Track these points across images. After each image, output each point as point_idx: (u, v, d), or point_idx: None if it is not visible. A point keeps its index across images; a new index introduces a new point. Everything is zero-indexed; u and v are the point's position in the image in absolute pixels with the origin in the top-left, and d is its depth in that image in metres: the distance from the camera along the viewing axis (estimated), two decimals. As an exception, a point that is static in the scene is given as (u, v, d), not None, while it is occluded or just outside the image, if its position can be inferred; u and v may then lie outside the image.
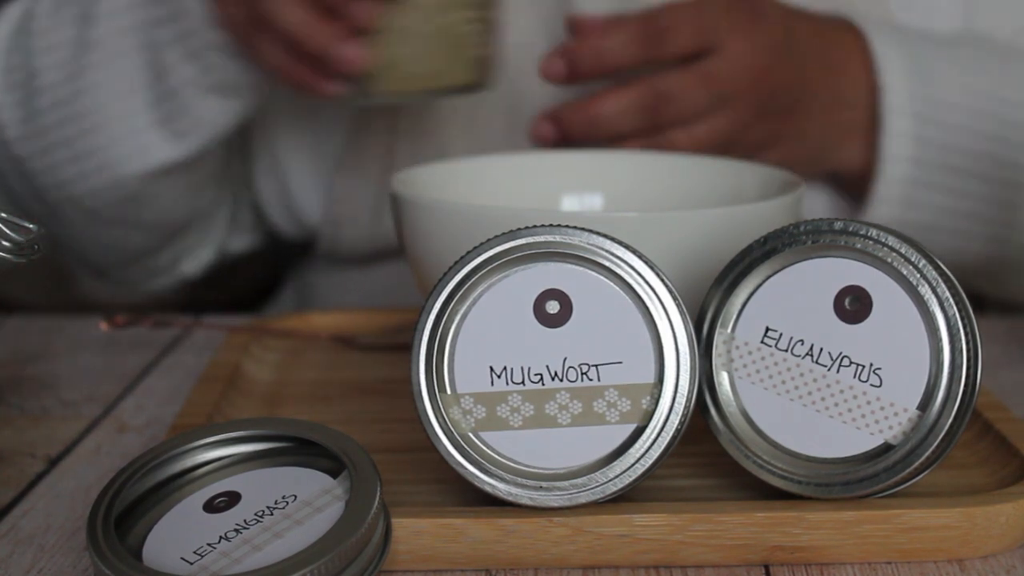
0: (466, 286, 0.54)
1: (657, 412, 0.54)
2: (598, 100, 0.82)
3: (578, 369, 0.54)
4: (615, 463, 0.53)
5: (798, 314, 0.55)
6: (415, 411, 0.54)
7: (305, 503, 0.51)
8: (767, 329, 0.56)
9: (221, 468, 0.54)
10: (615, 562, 0.54)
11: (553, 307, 0.54)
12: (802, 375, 0.55)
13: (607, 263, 0.54)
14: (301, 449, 0.55)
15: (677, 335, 0.54)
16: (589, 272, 0.54)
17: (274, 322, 0.80)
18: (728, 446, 0.55)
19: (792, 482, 0.54)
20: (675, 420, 0.53)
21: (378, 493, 0.51)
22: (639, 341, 0.54)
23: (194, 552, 0.50)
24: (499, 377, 0.54)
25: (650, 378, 0.54)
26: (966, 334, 0.53)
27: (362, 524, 0.49)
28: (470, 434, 0.54)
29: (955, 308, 0.53)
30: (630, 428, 0.54)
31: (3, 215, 0.59)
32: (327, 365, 0.75)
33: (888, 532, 0.53)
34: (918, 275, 0.54)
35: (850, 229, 0.55)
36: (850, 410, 0.54)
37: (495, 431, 0.54)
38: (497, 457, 0.54)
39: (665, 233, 0.59)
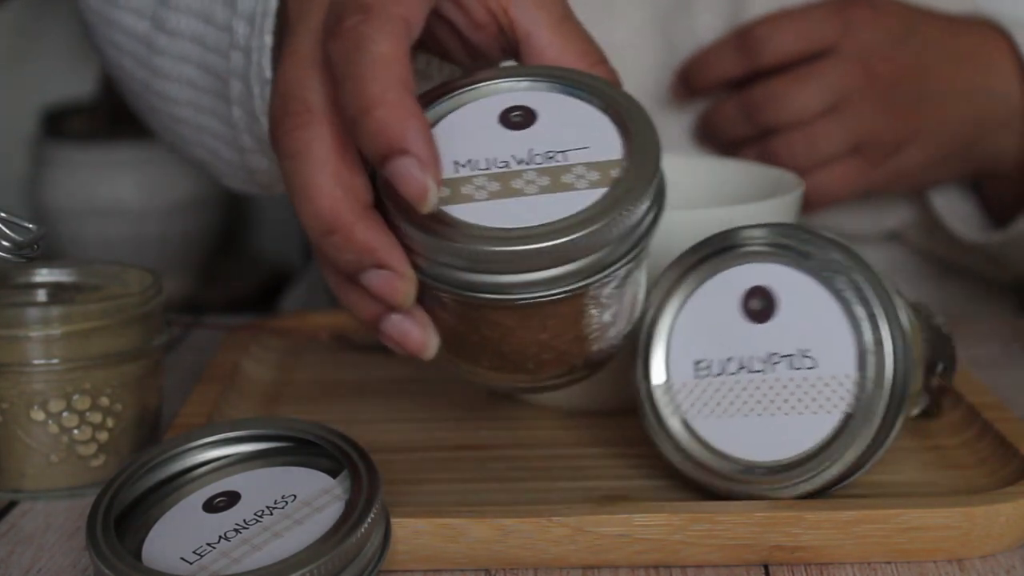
0: None
1: None
2: (710, 109, 0.85)
3: None
4: None
5: (715, 335, 0.56)
6: None
7: (305, 503, 0.51)
8: (696, 363, 0.56)
9: (220, 468, 0.54)
10: (615, 562, 0.54)
11: None
12: (744, 388, 0.55)
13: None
14: (301, 449, 0.55)
15: None
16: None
17: (274, 322, 0.80)
18: (711, 485, 0.56)
19: (789, 491, 0.55)
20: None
21: (378, 493, 0.51)
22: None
23: (194, 552, 0.50)
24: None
25: None
26: (864, 278, 0.54)
27: (362, 524, 0.49)
28: None
29: (841, 258, 0.55)
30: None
31: (3, 215, 0.59)
32: (327, 365, 0.75)
33: (887, 532, 0.53)
34: (792, 251, 0.55)
35: (730, 243, 0.56)
36: (800, 400, 0.55)
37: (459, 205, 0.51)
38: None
39: (665, 233, 0.59)
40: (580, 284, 0.50)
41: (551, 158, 0.52)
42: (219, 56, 0.69)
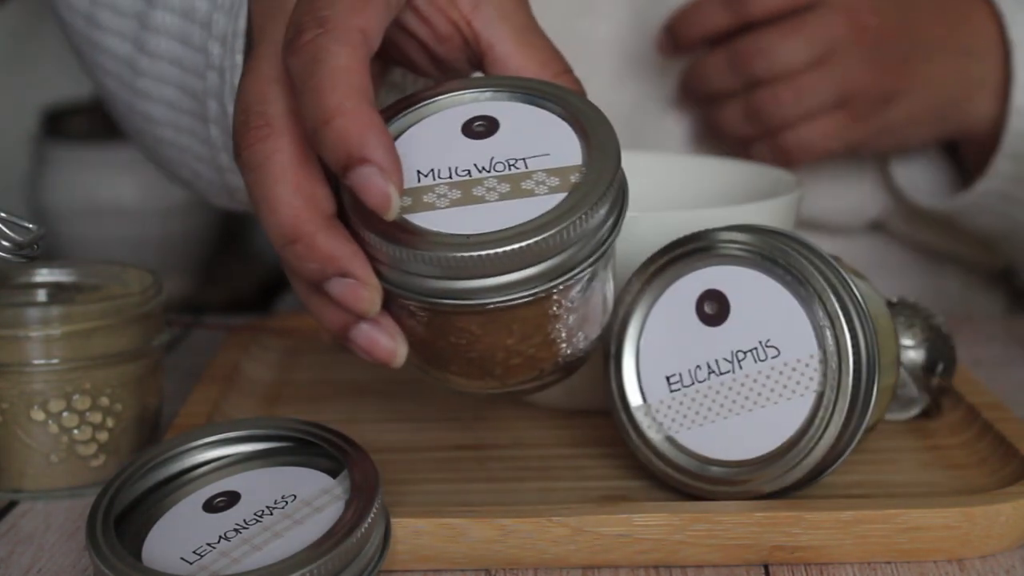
0: None
1: None
2: (694, 63, 0.85)
3: None
4: None
5: (679, 346, 0.56)
6: None
7: (305, 503, 0.51)
8: (668, 378, 0.57)
9: (220, 468, 0.54)
10: (615, 562, 0.54)
11: None
12: (718, 392, 0.56)
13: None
14: (301, 449, 0.55)
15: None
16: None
17: (274, 322, 0.80)
18: (707, 492, 0.56)
19: (781, 481, 0.55)
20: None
21: (378, 493, 0.51)
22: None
23: (194, 552, 0.50)
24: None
25: None
26: (804, 257, 0.55)
27: (362, 524, 0.49)
28: None
29: (778, 244, 0.55)
30: None
31: (3, 215, 0.59)
32: (327, 365, 0.75)
33: (887, 532, 0.53)
34: (733, 249, 0.56)
35: (674, 254, 0.57)
36: (772, 390, 0.55)
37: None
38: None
39: (665, 233, 0.59)
40: (542, 288, 0.50)
41: (512, 165, 0.52)
42: (196, 77, 0.70)
